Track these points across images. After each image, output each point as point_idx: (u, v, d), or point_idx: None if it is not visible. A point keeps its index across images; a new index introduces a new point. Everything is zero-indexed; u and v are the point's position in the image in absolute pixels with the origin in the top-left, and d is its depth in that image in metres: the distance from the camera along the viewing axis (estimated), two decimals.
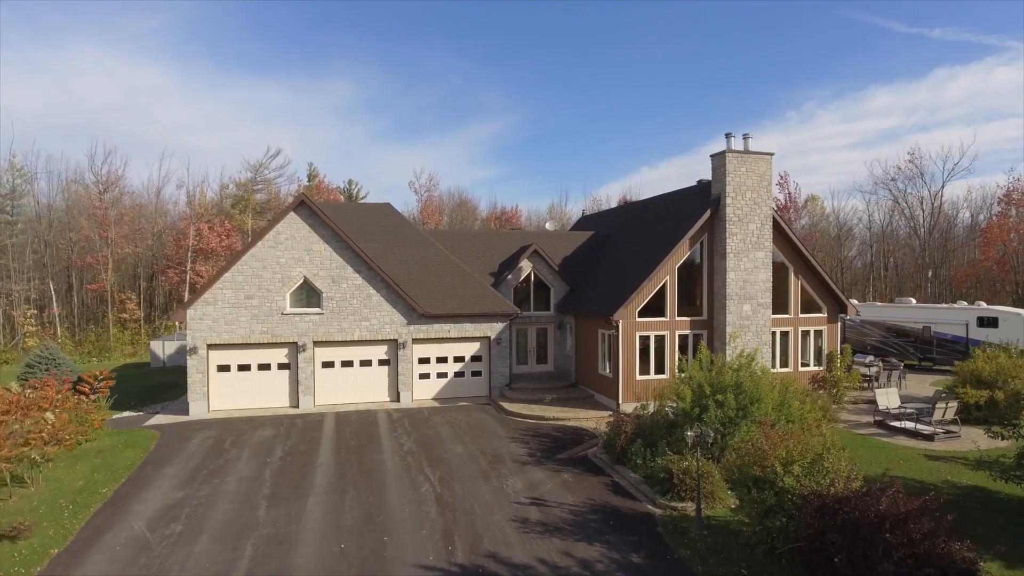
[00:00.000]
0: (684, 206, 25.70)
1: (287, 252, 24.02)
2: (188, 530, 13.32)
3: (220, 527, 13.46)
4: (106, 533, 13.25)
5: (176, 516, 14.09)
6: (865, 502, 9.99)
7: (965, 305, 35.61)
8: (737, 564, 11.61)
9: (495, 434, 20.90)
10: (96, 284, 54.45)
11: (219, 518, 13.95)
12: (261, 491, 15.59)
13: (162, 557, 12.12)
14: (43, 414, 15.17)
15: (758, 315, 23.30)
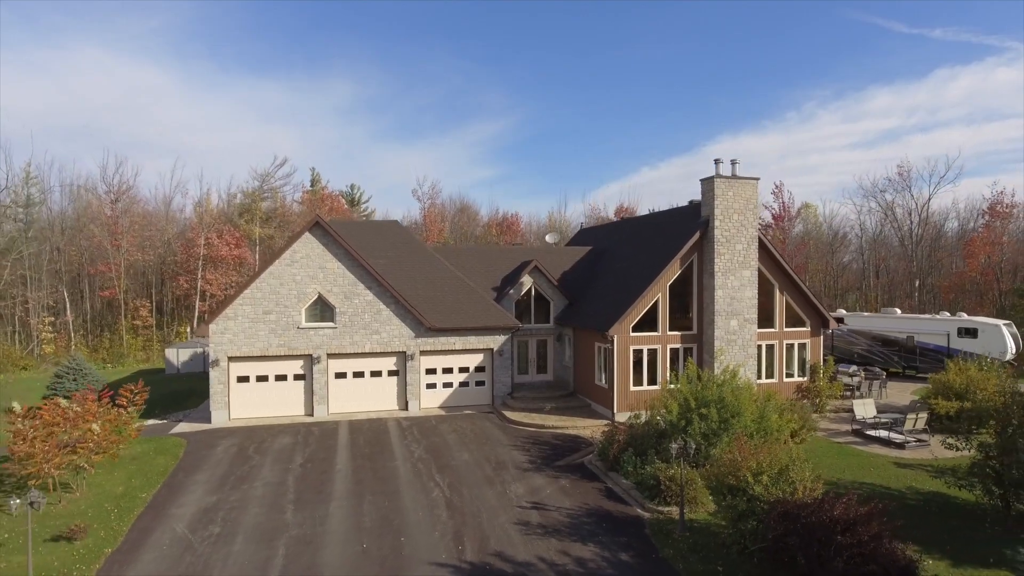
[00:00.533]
0: (676, 225, 27.22)
1: (303, 270, 25.57)
2: (225, 532, 14.86)
3: (253, 529, 15.00)
4: (151, 534, 14.79)
5: (212, 519, 15.63)
6: (821, 508, 11.52)
7: (947, 316, 37.13)
8: (714, 562, 13.14)
9: (498, 442, 22.43)
10: (108, 291, 56.02)
11: (251, 521, 15.48)
12: (287, 496, 17.12)
13: (205, 556, 13.66)
14: (89, 425, 16.70)
15: (744, 330, 24.85)
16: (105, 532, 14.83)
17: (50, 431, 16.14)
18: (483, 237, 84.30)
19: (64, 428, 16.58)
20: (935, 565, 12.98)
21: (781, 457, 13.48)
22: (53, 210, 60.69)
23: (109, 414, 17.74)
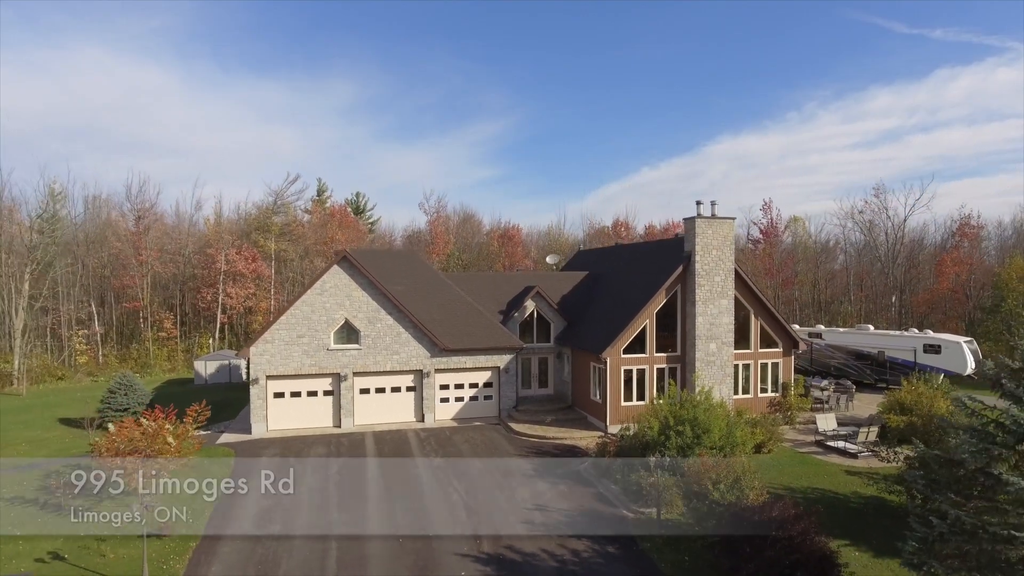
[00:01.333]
0: (663, 257, 30.46)
1: (331, 298, 28.81)
2: (284, 530, 18.10)
3: (307, 527, 18.24)
4: (225, 531, 18.03)
5: (271, 519, 18.88)
6: (763, 510, 14.77)
7: (915, 332, 40.37)
8: (683, 553, 16.37)
9: (506, 451, 25.68)
10: (132, 303, 59.29)
11: (304, 520, 18.73)
12: (330, 500, 20.37)
13: (273, 548, 16.91)
14: (165, 439, 19.91)
15: (722, 352, 28.09)
16: (186, 530, 18.02)
17: (134, 445, 19.36)
18: (486, 246, 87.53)
19: (144, 442, 19.78)
20: (859, 556, 16.21)
21: (736, 468, 16.74)
22: (76, 224, 64.02)
23: (178, 429, 20.93)
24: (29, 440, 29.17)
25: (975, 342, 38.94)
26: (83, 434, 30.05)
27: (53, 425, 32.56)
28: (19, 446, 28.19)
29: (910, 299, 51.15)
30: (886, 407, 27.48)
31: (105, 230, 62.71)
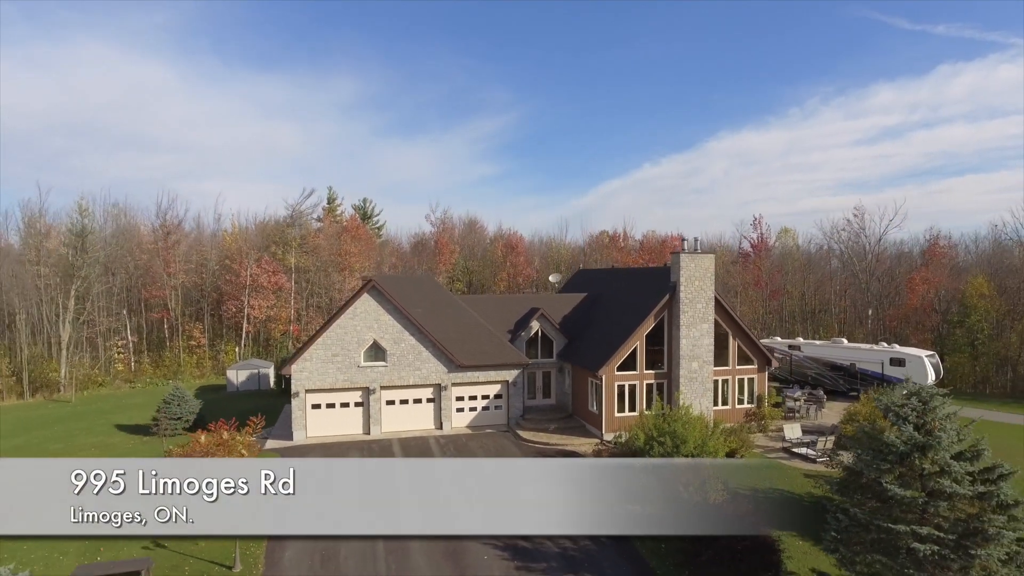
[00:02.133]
0: (652, 283, 34.42)
1: (362, 322, 32.83)
2: None
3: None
4: None
5: None
6: (722, 507, 18.78)
7: (884, 346, 44.30)
8: (660, 542, 20.38)
9: (514, 456, 29.69)
10: (160, 312, 63.41)
11: None
12: None
13: (332, 543, 20.92)
14: (237, 447, 23.96)
15: (703, 369, 32.10)
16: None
17: (212, 453, 23.41)
18: (491, 253, 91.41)
19: (221, 451, 23.83)
20: (801, 544, 20.20)
21: (702, 473, 20.73)
22: (104, 238, 68.00)
23: (246, 439, 24.99)
24: (96, 445, 33.23)
25: (936, 356, 42.87)
26: (143, 439, 34.18)
27: (112, 431, 36.61)
28: (89, 451, 32.23)
29: (884, 313, 55.13)
30: (846, 417, 31.50)
31: (129, 241, 66.50)
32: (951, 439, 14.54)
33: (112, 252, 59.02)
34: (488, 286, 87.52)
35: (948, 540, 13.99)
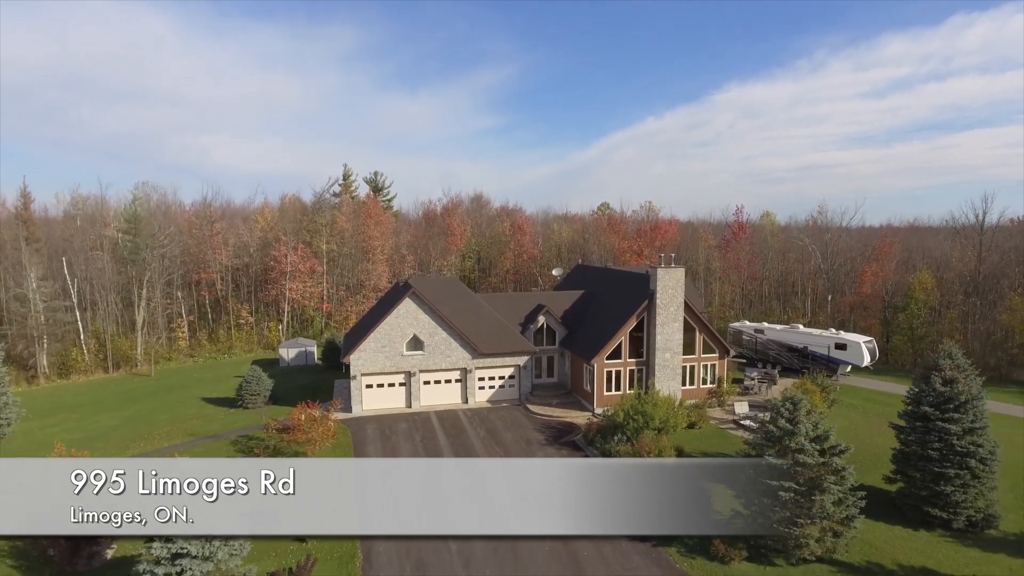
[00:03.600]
0: (636, 287, 42.28)
1: (404, 321, 40.98)
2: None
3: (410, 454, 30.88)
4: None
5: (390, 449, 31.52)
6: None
7: (831, 333, 52.47)
8: None
9: (526, 426, 38.29)
10: (209, 291, 71.63)
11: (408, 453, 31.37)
12: (420, 456, 33.01)
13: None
14: (328, 422, 32.44)
15: (674, 359, 40.40)
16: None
17: (313, 424, 31.91)
18: (499, 233, 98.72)
19: (310, 424, 32.32)
20: (726, 491, 28.74)
21: (662, 444, 29.25)
22: (157, 225, 75.63)
23: (331, 418, 33.44)
24: (197, 416, 41.77)
25: (873, 341, 51.05)
26: (230, 411, 42.65)
27: (202, 403, 45.13)
28: (192, 422, 40.75)
29: (841, 300, 63.20)
30: (783, 397, 39.87)
31: (176, 227, 73.96)
32: (808, 429, 22.85)
33: (169, 239, 66.40)
34: (496, 262, 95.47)
35: (802, 490, 22.42)
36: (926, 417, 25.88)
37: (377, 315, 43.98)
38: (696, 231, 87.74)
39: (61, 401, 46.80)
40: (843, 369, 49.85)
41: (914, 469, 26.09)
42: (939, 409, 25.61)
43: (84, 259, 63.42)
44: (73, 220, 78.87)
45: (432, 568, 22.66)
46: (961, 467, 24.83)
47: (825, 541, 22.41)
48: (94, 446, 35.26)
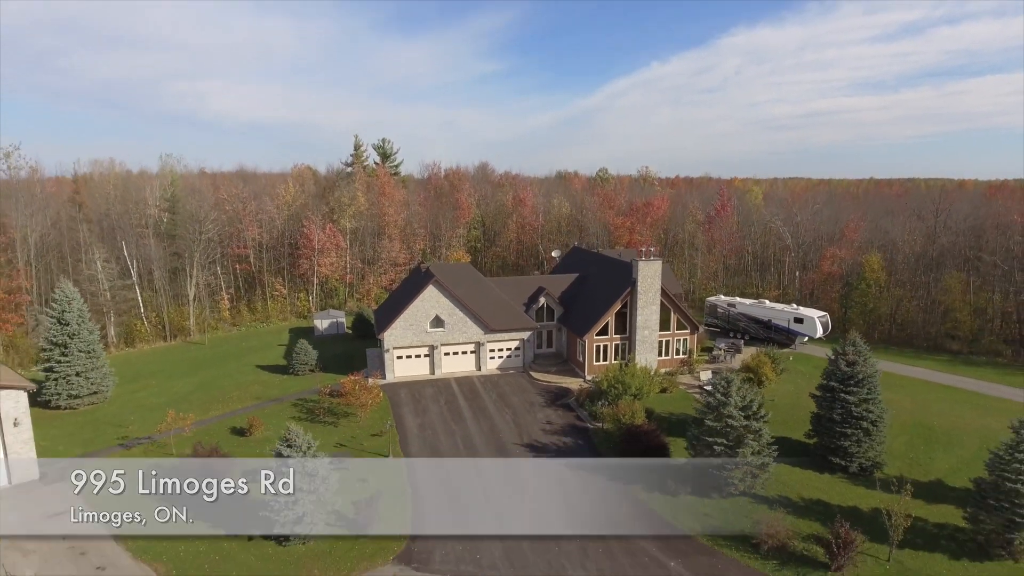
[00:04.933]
0: (622, 273, 49.55)
1: (428, 304, 48.57)
2: (432, 431, 38.99)
3: (442, 431, 39.11)
4: (408, 433, 38.90)
5: (424, 426, 39.75)
6: (638, 426, 35.39)
7: (793, 307, 59.97)
8: (610, 442, 37.13)
9: (529, 391, 46.36)
10: (243, 264, 79.10)
11: (439, 427, 39.58)
12: (445, 418, 41.15)
13: (431, 438, 37.81)
14: (374, 389, 40.46)
15: (652, 335, 48.15)
16: (388, 433, 38.86)
17: (363, 391, 39.95)
18: (503, 205, 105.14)
19: (364, 392, 40.27)
20: (687, 451, 36.88)
21: (635, 408, 37.28)
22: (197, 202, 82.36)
23: (375, 386, 41.37)
24: (257, 382, 49.79)
25: (827, 316, 58.62)
26: (284, 377, 50.65)
27: (256, 370, 53.12)
28: (254, 387, 48.75)
29: (806, 277, 70.57)
30: (742, 367, 47.78)
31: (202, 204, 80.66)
32: (736, 400, 30.67)
33: (212, 223, 73.29)
34: (500, 231, 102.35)
35: (730, 444, 30.41)
36: (833, 390, 33.71)
37: (403, 297, 51.54)
38: (685, 205, 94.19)
39: (138, 369, 54.80)
40: (800, 339, 57.60)
41: (823, 428, 34.10)
42: (842, 384, 33.41)
43: (134, 238, 70.61)
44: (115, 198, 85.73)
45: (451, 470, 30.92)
46: (856, 427, 32.78)
47: (746, 480, 30.55)
48: (181, 408, 43.06)
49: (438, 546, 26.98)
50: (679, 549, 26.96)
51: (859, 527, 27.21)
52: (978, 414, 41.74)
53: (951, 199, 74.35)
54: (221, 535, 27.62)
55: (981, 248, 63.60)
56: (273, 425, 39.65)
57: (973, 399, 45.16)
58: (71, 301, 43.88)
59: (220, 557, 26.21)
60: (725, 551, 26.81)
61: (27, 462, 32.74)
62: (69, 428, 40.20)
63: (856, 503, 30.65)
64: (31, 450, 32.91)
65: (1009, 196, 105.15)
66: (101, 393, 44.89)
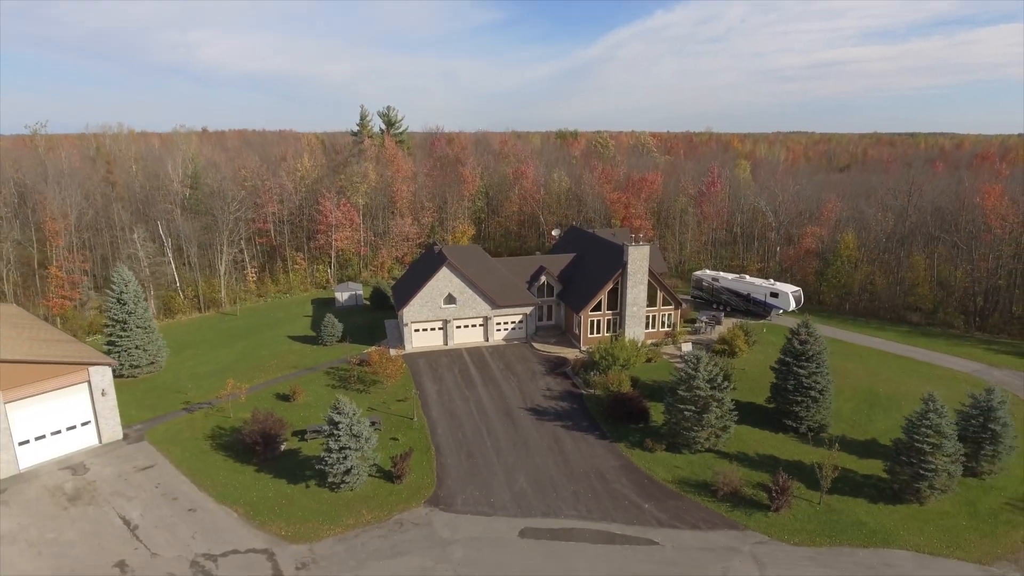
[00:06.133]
0: (614, 254, 54.92)
1: (441, 283, 54.10)
2: (449, 397, 45.15)
3: (457, 396, 45.27)
4: (428, 400, 45.08)
5: (441, 392, 45.89)
6: (624, 393, 41.46)
7: (768, 282, 65.50)
8: (599, 407, 43.27)
9: (531, 360, 52.37)
10: (264, 238, 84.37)
11: (455, 392, 45.73)
12: (459, 385, 47.24)
13: (448, 403, 44.00)
14: (397, 360, 46.39)
15: (640, 310, 53.87)
16: (412, 399, 44.98)
17: (388, 363, 45.98)
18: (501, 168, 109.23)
19: (389, 363, 46.28)
20: (663, 415, 43.04)
21: (622, 377, 43.31)
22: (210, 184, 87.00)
23: (398, 356, 47.32)
24: (292, 352, 55.69)
25: (800, 291, 64.16)
26: (314, 347, 56.60)
27: (289, 341, 58.97)
28: (289, 357, 54.67)
29: (786, 252, 75.87)
30: (719, 339, 53.67)
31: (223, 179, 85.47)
32: (704, 373, 36.56)
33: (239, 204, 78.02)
34: (502, 202, 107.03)
35: (697, 410, 36.45)
36: (788, 364, 39.59)
37: (419, 276, 57.04)
38: (679, 179, 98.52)
39: (181, 339, 60.63)
40: (776, 311, 63.35)
41: (779, 396, 40.13)
42: (796, 359, 39.26)
43: (164, 215, 75.68)
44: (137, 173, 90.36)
45: (467, 430, 37.14)
46: (806, 396, 38.74)
47: (711, 439, 36.72)
48: (227, 376, 49.18)
49: (459, 492, 33.34)
50: (653, 494, 33.27)
51: (799, 477, 33.62)
52: (921, 381, 47.69)
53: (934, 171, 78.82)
54: (284, 484, 33.98)
55: (946, 228, 68.66)
56: (312, 392, 45.91)
57: (920, 368, 51.18)
58: (128, 283, 49.41)
59: (285, 501, 32.51)
60: (690, 496, 33.12)
61: (113, 425, 38.98)
62: (136, 395, 46.28)
63: (801, 458, 36.83)
64: (116, 415, 39.10)
65: (989, 170, 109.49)
66: (157, 363, 50.90)
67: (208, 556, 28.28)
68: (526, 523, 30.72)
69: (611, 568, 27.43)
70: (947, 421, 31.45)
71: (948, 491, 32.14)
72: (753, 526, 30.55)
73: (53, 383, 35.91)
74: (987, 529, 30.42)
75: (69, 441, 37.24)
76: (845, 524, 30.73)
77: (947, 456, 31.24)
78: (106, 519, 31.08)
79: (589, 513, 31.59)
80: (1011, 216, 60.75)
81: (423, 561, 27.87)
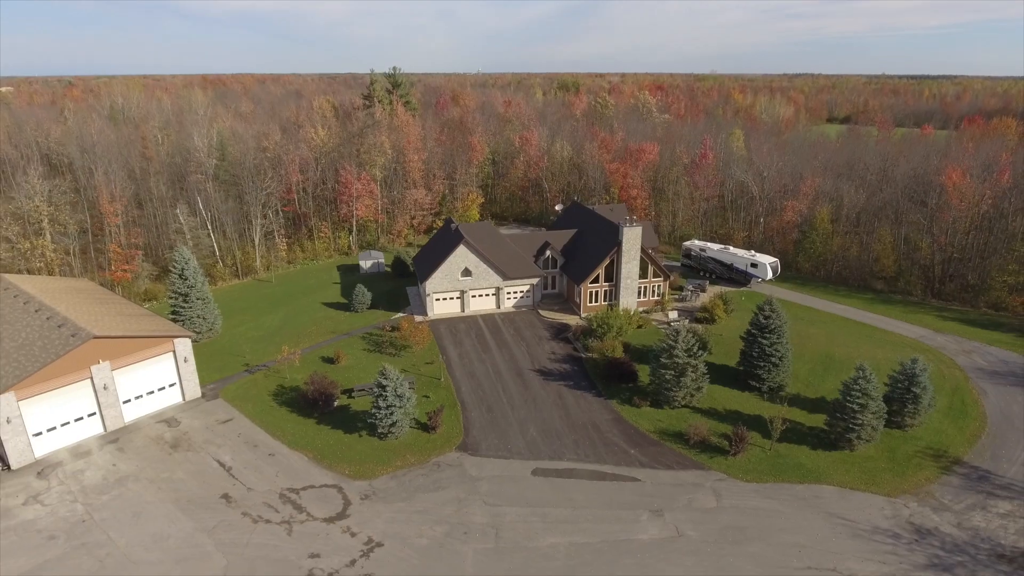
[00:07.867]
0: (612, 233, 61.31)
1: (459, 258, 60.63)
2: (469, 360, 52.53)
3: (476, 359, 52.65)
4: (451, 361, 52.50)
5: (462, 355, 53.24)
6: (617, 358, 48.79)
7: (750, 253, 71.88)
8: (596, 369, 50.63)
9: (538, 326, 59.55)
10: (288, 207, 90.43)
11: (473, 356, 53.07)
12: (477, 349, 54.48)
13: (469, 364, 51.42)
14: (424, 327, 53.57)
15: (633, 282, 60.65)
16: (438, 362, 52.33)
17: (415, 331, 53.22)
18: (506, 132, 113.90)
19: (417, 331, 53.49)
20: (648, 377, 50.45)
21: (615, 345, 50.57)
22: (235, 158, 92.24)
23: (425, 323, 54.49)
24: (328, 318, 62.73)
25: (778, 261, 70.62)
26: (348, 314, 63.67)
27: (324, 308, 65.95)
28: (327, 323, 61.75)
29: (769, 224, 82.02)
30: (701, 307, 60.70)
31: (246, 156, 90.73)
32: (683, 344, 43.72)
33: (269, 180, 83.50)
34: (508, 167, 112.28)
35: (676, 374, 43.77)
36: (754, 335, 46.71)
37: (438, 251, 63.47)
38: (674, 148, 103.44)
39: (228, 306, 67.22)
40: (755, 280, 70.12)
41: (746, 361, 47.41)
42: (760, 331, 46.32)
43: (196, 185, 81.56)
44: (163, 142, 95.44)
45: (485, 389, 44.73)
46: (768, 362, 45.93)
47: (687, 398, 44.21)
48: (276, 340, 56.39)
49: (483, 440, 41.06)
50: (638, 442, 40.97)
51: (757, 429, 41.24)
52: (873, 346, 54.91)
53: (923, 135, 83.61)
54: (341, 433, 41.73)
55: (915, 202, 74.51)
56: (352, 355, 53.26)
57: (875, 334, 58.31)
58: (188, 261, 56.11)
59: (344, 447, 40.25)
60: (667, 443, 40.80)
61: (193, 386, 46.52)
62: (202, 358, 53.47)
63: (760, 413, 44.21)
64: (195, 377, 46.58)
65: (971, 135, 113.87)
66: (214, 330, 58.12)
67: (291, 490, 36.14)
68: (537, 464, 38.49)
69: (603, 499, 35.30)
70: (873, 386, 38.73)
71: (873, 440, 39.73)
72: (715, 467, 38.29)
73: (148, 352, 43.17)
74: (900, 470, 38.10)
75: (160, 400, 44.81)
76: (788, 465, 38.45)
77: (872, 414, 38.67)
78: (204, 462, 38.86)
79: (586, 457, 39.32)
80: (969, 193, 66.59)
81: (458, 493, 35.73)
